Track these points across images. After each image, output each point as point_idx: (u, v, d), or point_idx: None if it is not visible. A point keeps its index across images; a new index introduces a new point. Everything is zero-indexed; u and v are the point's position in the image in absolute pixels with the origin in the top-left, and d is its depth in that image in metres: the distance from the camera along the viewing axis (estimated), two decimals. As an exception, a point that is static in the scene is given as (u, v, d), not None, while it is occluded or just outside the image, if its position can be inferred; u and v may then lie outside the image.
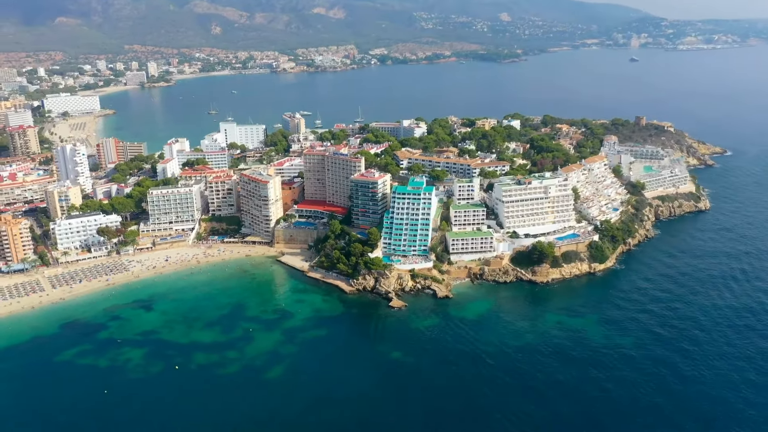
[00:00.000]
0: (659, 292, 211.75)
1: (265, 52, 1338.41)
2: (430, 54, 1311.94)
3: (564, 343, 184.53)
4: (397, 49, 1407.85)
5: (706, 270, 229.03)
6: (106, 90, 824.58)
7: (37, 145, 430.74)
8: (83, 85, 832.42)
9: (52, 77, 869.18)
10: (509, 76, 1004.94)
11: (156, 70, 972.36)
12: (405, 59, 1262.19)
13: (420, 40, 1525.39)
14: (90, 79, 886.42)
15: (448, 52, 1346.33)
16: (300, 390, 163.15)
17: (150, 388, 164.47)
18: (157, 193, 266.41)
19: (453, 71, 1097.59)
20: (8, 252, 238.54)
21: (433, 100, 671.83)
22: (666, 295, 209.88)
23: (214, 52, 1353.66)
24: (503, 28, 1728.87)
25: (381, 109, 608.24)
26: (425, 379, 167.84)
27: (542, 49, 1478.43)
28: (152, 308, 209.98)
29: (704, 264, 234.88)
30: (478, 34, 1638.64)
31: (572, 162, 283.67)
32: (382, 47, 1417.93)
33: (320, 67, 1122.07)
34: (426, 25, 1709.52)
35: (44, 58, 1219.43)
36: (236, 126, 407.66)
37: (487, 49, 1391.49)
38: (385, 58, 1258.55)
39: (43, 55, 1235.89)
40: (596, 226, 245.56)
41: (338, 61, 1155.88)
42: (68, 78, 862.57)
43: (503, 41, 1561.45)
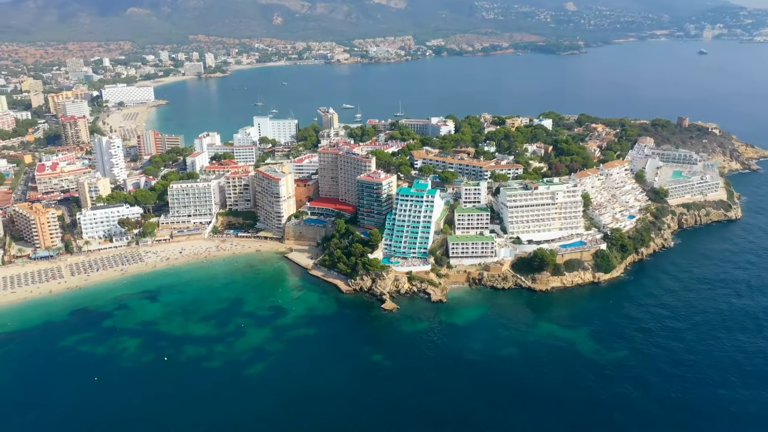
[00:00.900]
0: (659, 309, 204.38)
1: (322, 43, 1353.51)
2: (487, 45, 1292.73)
3: (549, 354, 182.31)
4: (455, 39, 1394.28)
5: (714, 289, 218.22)
6: (164, 80, 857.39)
7: (87, 134, 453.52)
8: (144, 75, 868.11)
9: (115, 67, 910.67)
10: (565, 70, 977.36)
11: (213, 61, 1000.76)
12: (461, 50, 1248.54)
13: (479, 30, 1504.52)
14: (151, 69, 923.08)
15: (506, 44, 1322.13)
16: (274, 387, 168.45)
17: (136, 378, 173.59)
18: (177, 187, 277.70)
19: (508, 64, 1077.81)
20: (37, 239, 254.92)
21: (476, 94, 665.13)
22: (665, 312, 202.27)
23: (273, 42, 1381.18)
24: (567, 18, 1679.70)
25: (423, 103, 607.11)
26: (398, 384, 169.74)
27: (606, 40, 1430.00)
28: (157, 299, 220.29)
29: (714, 279, 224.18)
30: (539, 25, 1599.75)
31: (591, 166, 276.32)
32: (439, 38, 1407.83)
33: (374, 58, 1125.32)
34: (487, 15, 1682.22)
35: (114, 47, 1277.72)
36: (269, 120, 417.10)
37: (547, 40, 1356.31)
38: (441, 49, 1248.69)
39: (113, 44, 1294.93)
40: (606, 234, 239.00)
41: (392, 53, 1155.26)
42: (130, 68, 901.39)
43: (566, 32, 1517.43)
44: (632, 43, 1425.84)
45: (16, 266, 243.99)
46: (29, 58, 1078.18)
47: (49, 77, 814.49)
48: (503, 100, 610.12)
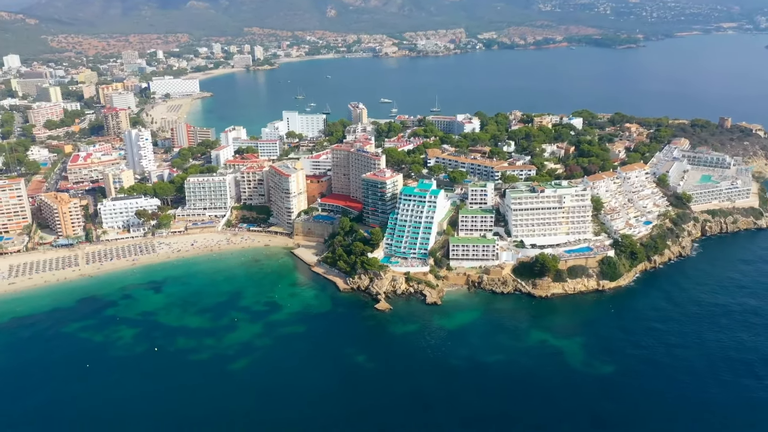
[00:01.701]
0: (660, 323, 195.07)
1: (373, 36, 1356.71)
2: (540, 39, 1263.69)
3: (535, 364, 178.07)
4: (508, 32, 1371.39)
5: (724, 305, 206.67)
6: (213, 72, 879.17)
7: (128, 125, 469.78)
8: (194, 67, 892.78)
9: (168, 59, 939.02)
10: (617, 65, 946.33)
11: (262, 54, 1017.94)
12: (512, 44, 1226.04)
13: (534, 23, 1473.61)
14: (202, 61, 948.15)
15: (560, 37, 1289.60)
16: (252, 383, 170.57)
17: (125, 367, 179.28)
18: (194, 180, 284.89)
19: (558, 58, 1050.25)
20: (60, 228, 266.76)
21: (517, 90, 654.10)
22: (666, 327, 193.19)
23: (325, 35, 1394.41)
24: (628, 10, 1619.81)
25: (461, 98, 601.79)
26: (374, 386, 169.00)
27: (668, 33, 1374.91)
28: (161, 290, 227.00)
29: (726, 298, 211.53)
30: (598, 17, 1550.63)
31: (609, 169, 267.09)
32: (492, 31, 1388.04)
33: (422, 51, 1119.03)
34: (544, 7, 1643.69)
35: (172, 40, 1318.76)
36: (298, 114, 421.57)
37: (604, 33, 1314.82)
38: (492, 42, 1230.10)
39: (171, 37, 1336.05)
40: (615, 240, 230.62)
41: (441, 46, 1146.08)
42: (182, 60, 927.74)
43: (625, 25, 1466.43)
44: (696, 36, 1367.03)
45: (38, 253, 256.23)
46: (91, 50, 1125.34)
47: (106, 69, 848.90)
48: (543, 96, 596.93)
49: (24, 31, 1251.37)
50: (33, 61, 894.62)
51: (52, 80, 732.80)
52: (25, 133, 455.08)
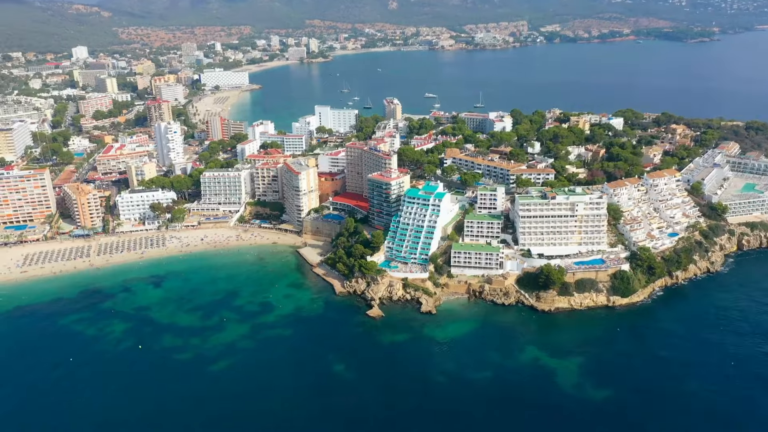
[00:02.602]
0: (667, 350, 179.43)
1: (432, 28, 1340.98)
2: (605, 32, 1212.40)
3: (522, 383, 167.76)
4: (573, 25, 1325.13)
5: (746, 337, 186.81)
6: (268, 65, 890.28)
7: (170, 117, 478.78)
8: (250, 59, 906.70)
9: (225, 51, 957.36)
10: (685, 59, 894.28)
11: (317, 46, 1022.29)
12: (575, 37, 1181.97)
13: (602, 15, 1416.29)
14: (258, 53, 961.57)
15: (627, 30, 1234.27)
16: (224, 387, 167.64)
17: (107, 362, 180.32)
18: (209, 175, 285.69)
19: (623, 52, 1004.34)
20: (79, 218, 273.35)
21: (569, 85, 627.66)
22: (672, 355, 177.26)
23: (384, 27, 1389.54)
24: (705, 1, 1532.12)
25: (509, 93, 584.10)
26: (346, 397, 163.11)
27: (748, 26, 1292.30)
28: (161, 285, 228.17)
29: (752, 326, 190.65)
30: (672, 9, 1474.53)
31: (635, 175, 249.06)
32: (556, 23, 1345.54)
33: (479, 45, 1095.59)
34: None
35: (235, 32, 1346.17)
36: (330, 109, 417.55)
37: (676, 26, 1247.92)
38: (554, 35, 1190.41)
39: (234, 29, 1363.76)
40: (633, 252, 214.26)
41: (499, 39, 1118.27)
42: (239, 53, 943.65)
43: (702, 17, 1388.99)
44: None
45: (56, 242, 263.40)
46: (157, 42, 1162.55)
47: (165, 60, 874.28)
48: (595, 92, 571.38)
49: (98, 23, 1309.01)
50: (100, 53, 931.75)
51: (112, 71, 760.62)
52: (74, 122, 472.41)
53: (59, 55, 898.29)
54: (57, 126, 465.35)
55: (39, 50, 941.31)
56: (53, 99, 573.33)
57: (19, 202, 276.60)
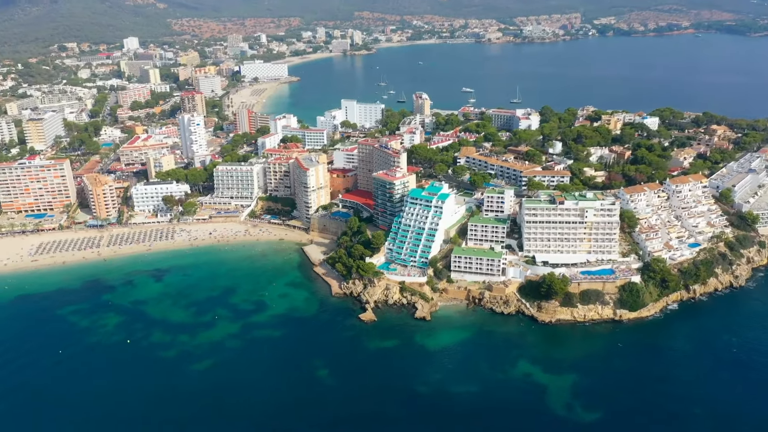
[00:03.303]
0: (671, 371, 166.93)
1: (482, 20, 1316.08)
2: (663, 24, 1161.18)
3: (509, 400, 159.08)
4: (629, 18, 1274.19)
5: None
6: (310, 57, 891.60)
7: (204, 109, 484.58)
8: (293, 51, 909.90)
9: (270, 43, 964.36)
10: (747, 54, 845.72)
11: (360, 38, 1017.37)
12: (630, 30, 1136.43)
13: (661, 7, 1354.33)
14: (302, 45, 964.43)
15: (687, 23, 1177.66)
16: (204, 387, 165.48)
17: (93, 356, 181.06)
18: (222, 169, 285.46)
19: (679, 46, 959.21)
20: (95, 208, 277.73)
21: (613, 81, 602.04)
22: (673, 375, 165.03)
23: (433, 19, 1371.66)
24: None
25: (550, 89, 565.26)
26: (325, 404, 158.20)
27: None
28: (162, 279, 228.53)
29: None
30: (738, 1, 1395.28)
31: (658, 179, 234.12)
32: (612, 16, 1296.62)
33: (527, 38, 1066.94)
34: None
35: (284, 23, 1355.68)
36: (356, 104, 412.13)
37: (740, 19, 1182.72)
38: (607, 28, 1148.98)
39: (284, 20, 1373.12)
40: (646, 263, 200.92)
41: (548, 32, 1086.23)
42: (283, 44, 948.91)
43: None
44: None
45: (70, 232, 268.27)
46: (207, 33, 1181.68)
47: (211, 52, 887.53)
48: (639, 89, 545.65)
49: (153, 15, 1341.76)
50: (150, 44, 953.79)
51: (159, 62, 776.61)
52: (111, 112, 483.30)
53: (111, 46, 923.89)
54: (95, 116, 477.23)
55: (93, 41, 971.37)
56: (96, 89, 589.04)
57: (39, 191, 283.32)
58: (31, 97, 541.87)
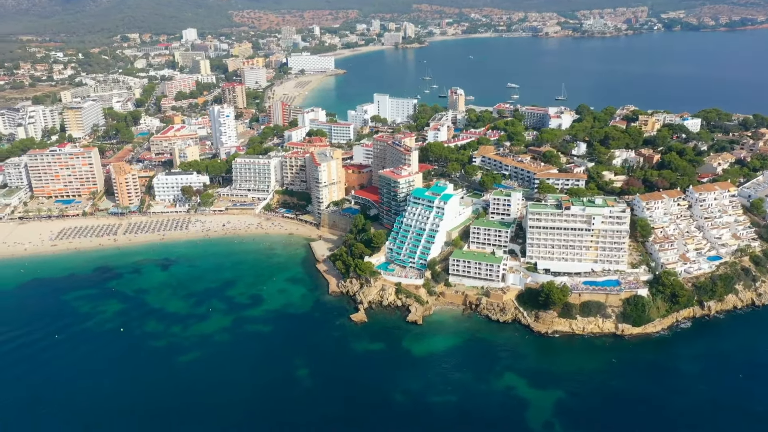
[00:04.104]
0: (668, 394, 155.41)
1: (542, 14, 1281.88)
2: (736, 19, 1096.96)
3: (486, 415, 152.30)
4: (700, 12, 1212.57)
5: None
6: (361, 49, 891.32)
7: (244, 101, 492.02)
8: (345, 44, 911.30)
9: (323, 35, 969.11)
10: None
11: (413, 31, 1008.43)
12: (700, 24, 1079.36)
13: (736, 1, 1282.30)
14: (355, 38, 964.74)
15: (763, 17, 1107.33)
16: (184, 379, 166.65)
17: (86, 341, 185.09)
18: (240, 162, 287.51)
19: (752, 41, 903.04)
20: (117, 196, 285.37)
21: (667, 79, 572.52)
22: (675, 400, 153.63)
23: (493, 11, 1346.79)
24: None
25: (598, 86, 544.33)
26: (298, 406, 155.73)
27: None
28: (168, 269, 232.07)
29: None
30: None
31: (680, 185, 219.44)
32: (681, 9, 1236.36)
33: (587, 32, 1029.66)
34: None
35: (341, 15, 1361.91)
36: (388, 98, 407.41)
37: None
38: (674, 22, 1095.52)
39: (342, 12, 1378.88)
40: (656, 276, 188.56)
41: (610, 26, 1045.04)
42: (335, 37, 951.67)
43: None
44: None
45: (92, 218, 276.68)
46: (264, 25, 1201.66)
47: (264, 43, 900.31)
48: (694, 87, 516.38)
49: (215, 6, 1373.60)
50: (208, 35, 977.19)
51: (212, 53, 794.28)
52: (157, 102, 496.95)
53: (171, 37, 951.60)
54: (141, 105, 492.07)
55: (155, 32, 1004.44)
56: (148, 79, 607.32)
57: (68, 177, 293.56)
58: (86, 85, 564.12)
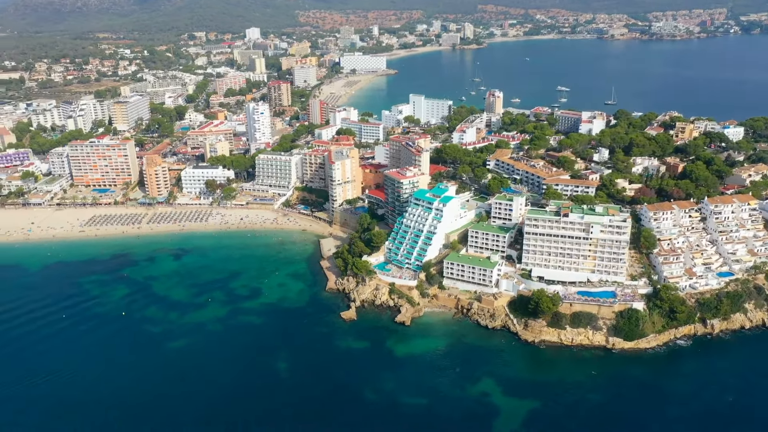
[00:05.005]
0: (648, 413, 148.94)
1: (611, 15, 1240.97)
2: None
3: (452, 420, 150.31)
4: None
5: None
6: (418, 50, 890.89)
7: (288, 99, 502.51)
8: (402, 44, 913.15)
9: (381, 35, 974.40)
10: None
11: (471, 32, 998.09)
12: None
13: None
14: (413, 38, 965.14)
15: None
16: (167, 364, 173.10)
17: (89, 324, 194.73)
18: (264, 158, 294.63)
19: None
20: (148, 187, 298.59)
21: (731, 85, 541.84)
22: (654, 420, 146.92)
23: (559, 13, 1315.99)
24: None
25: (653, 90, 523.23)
26: (271, 399, 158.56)
27: None
28: (181, 258, 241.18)
29: None
30: None
31: (696, 196, 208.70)
32: (764, 12, 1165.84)
33: (656, 34, 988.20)
34: None
35: (405, 16, 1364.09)
36: (424, 99, 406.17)
37: None
38: (753, 25, 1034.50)
39: (405, 13, 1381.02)
40: (655, 289, 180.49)
41: (681, 29, 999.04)
42: (393, 37, 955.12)
43: None
44: None
45: (122, 207, 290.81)
46: (328, 25, 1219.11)
47: (323, 43, 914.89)
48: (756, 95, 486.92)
49: (282, 6, 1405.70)
50: (270, 34, 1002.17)
51: (270, 52, 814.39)
52: (206, 99, 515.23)
53: (235, 36, 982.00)
54: (192, 101, 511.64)
55: (221, 30, 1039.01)
56: (204, 76, 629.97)
57: (105, 167, 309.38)
58: (145, 81, 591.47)
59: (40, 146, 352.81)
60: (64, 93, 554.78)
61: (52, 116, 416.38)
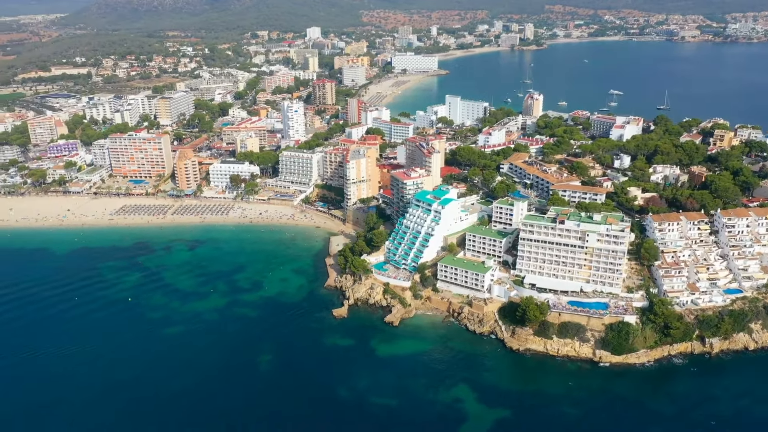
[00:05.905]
0: (626, 429, 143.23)
1: (686, 16, 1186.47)
2: None
3: (418, 423, 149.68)
4: None
5: None
6: (475, 50, 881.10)
7: (333, 97, 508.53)
8: (459, 44, 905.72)
9: (439, 35, 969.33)
10: None
11: (532, 33, 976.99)
12: None
13: None
14: (471, 38, 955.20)
15: None
16: (156, 350, 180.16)
17: (96, 304, 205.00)
18: (287, 155, 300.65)
19: None
20: (178, 180, 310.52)
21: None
22: None
23: (630, 13, 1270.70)
24: None
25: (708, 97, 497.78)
26: (245, 391, 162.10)
27: None
28: (195, 249, 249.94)
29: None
30: None
31: (710, 207, 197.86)
32: None
33: (730, 36, 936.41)
34: None
35: (469, 16, 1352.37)
36: (459, 100, 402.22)
37: None
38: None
39: (470, 13, 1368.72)
40: (651, 303, 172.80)
41: (759, 31, 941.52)
42: (451, 37, 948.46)
43: None
44: None
45: (152, 198, 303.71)
46: (391, 24, 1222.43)
47: (380, 43, 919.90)
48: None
49: (347, 6, 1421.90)
50: (331, 33, 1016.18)
51: (328, 51, 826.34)
52: (254, 96, 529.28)
53: (296, 35, 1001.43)
54: (241, 97, 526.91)
55: (284, 29, 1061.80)
56: (257, 73, 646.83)
57: (141, 160, 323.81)
58: (201, 78, 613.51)
59: (89, 138, 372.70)
60: (125, 88, 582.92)
61: (104, 110, 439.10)
